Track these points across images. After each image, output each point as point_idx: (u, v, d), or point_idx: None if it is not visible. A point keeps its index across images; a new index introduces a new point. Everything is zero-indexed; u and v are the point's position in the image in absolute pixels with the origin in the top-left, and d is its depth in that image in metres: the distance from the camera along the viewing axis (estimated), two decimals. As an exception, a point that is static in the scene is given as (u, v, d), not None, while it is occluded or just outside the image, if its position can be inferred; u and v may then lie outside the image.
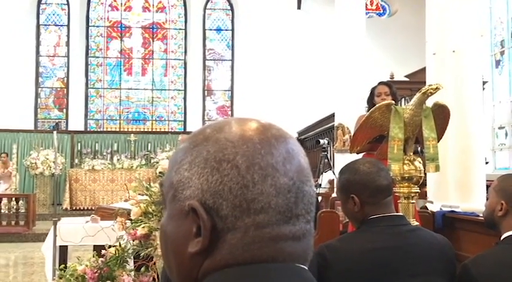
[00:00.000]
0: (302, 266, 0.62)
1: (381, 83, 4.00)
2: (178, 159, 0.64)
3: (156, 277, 2.83)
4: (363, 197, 1.65)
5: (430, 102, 2.92)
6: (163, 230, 0.65)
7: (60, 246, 4.19)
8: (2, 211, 9.41)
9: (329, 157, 6.81)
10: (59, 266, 3.43)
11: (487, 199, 1.95)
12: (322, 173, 6.60)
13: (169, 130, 13.71)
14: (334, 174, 6.42)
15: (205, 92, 14.24)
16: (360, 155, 3.49)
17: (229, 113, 14.22)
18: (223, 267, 0.59)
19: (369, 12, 12.81)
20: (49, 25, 13.82)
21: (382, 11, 14.12)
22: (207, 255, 0.60)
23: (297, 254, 0.61)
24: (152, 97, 14.12)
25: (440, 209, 3.80)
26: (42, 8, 13.75)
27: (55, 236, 4.10)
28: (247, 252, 0.59)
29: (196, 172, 0.61)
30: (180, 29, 14.26)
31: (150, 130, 13.69)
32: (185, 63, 14.17)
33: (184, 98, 14.13)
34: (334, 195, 6.29)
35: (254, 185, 0.59)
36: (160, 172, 3.04)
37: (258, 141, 0.61)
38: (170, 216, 0.64)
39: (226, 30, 14.35)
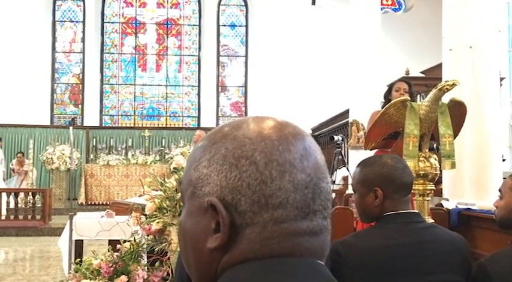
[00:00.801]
0: (319, 261, 0.63)
1: (402, 80, 3.98)
2: (196, 157, 0.65)
3: (170, 272, 2.85)
4: (387, 191, 1.63)
5: (446, 99, 2.88)
6: (182, 227, 0.66)
7: (76, 240, 4.24)
8: (19, 205, 9.55)
9: (343, 154, 6.77)
10: (75, 260, 3.48)
11: (500, 198, 1.91)
12: (336, 170, 6.58)
13: (183, 126, 13.77)
14: (348, 170, 6.39)
15: (219, 88, 14.27)
16: (373, 152, 3.46)
17: (243, 109, 14.24)
18: (242, 262, 0.60)
19: (384, 8, 12.69)
20: (65, 21, 13.95)
21: (397, 6, 13.98)
22: (226, 251, 0.61)
23: (314, 249, 0.62)
24: (166, 93, 14.19)
25: (456, 206, 3.76)
26: (58, 4, 13.89)
27: (71, 230, 4.15)
28: (266, 247, 0.60)
29: (215, 169, 0.62)
30: (194, 25, 14.29)
31: (164, 126, 13.77)
32: (199, 59, 14.20)
33: (198, 94, 14.17)
34: (348, 192, 6.26)
35: (272, 181, 0.60)
36: (174, 168, 3.05)
37: (276, 138, 0.62)
38: (189, 212, 0.65)
39: (240, 26, 14.35)
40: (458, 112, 2.90)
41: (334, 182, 6.45)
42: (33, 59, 12.77)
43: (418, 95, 6.65)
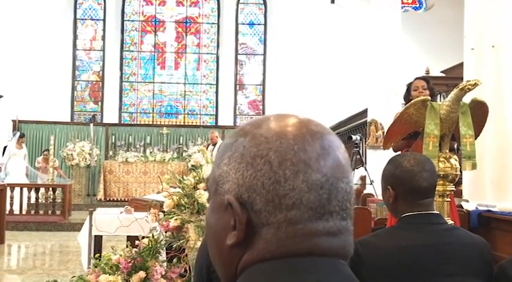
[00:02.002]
0: (340, 260, 0.62)
1: (417, 78, 3.90)
2: (220, 154, 0.66)
3: (188, 269, 2.87)
4: (397, 191, 1.64)
5: (467, 99, 2.85)
6: (207, 222, 0.68)
7: (95, 235, 4.29)
8: (40, 200, 9.70)
9: (361, 153, 6.73)
10: (94, 255, 3.52)
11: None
12: (353, 170, 6.55)
13: (201, 124, 13.84)
14: (366, 170, 6.36)
15: (237, 86, 14.30)
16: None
17: (261, 107, 14.25)
18: (261, 261, 0.61)
19: (404, 6, 12.56)
20: (86, 19, 14.13)
21: (418, 5, 13.83)
22: (246, 249, 0.62)
23: (333, 250, 0.62)
24: (184, 91, 14.28)
25: (476, 208, 3.71)
26: (79, 2, 14.07)
27: (91, 225, 4.19)
28: (282, 248, 0.60)
29: (233, 167, 0.63)
30: (213, 23, 14.34)
31: (182, 123, 13.86)
32: (217, 58, 14.25)
33: (216, 92, 14.22)
34: (365, 191, 6.23)
35: (286, 181, 0.60)
36: (192, 165, 3.07)
37: (292, 137, 0.62)
38: (212, 209, 0.66)
39: (259, 24, 14.35)
40: (479, 112, 2.86)
41: (351, 182, 6.41)
42: (54, 56, 12.96)
43: (439, 95, 6.57)
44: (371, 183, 6.06)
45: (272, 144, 0.61)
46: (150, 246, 3.01)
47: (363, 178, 6.68)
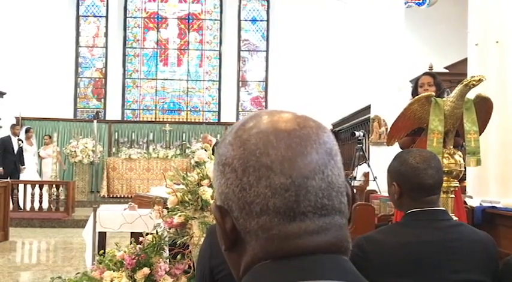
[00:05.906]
0: (340, 255, 0.61)
1: (424, 74, 3.85)
2: None
3: (191, 265, 2.88)
4: (403, 188, 1.64)
5: (471, 95, 2.84)
6: None
7: (99, 232, 4.30)
8: (44, 197, 9.73)
9: (364, 149, 6.73)
10: (98, 251, 3.53)
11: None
12: (357, 166, 6.54)
13: (204, 120, 13.84)
14: (369, 166, 6.35)
15: (240, 82, 14.28)
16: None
17: (264, 104, 14.23)
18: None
19: (407, 2, 12.51)
20: (88, 16, 14.12)
21: (421, 1, 13.76)
22: (240, 255, 0.62)
23: (322, 247, 0.59)
24: (187, 88, 14.27)
25: (480, 204, 3.71)
26: (81, -1, 14.07)
27: (95, 222, 4.21)
28: (269, 254, 0.59)
29: (215, 175, 0.64)
30: (215, 19, 14.32)
31: (184, 120, 13.85)
32: (220, 54, 14.23)
33: (219, 89, 14.21)
34: (369, 188, 6.22)
35: (251, 188, 0.59)
36: (196, 162, 3.07)
37: (254, 142, 0.60)
38: None
39: (262, 20, 14.32)
40: (484, 108, 2.86)
41: (355, 178, 6.41)
42: (57, 53, 12.96)
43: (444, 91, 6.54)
44: (374, 180, 6.05)
45: (236, 152, 0.61)
46: (154, 242, 3.02)
47: (366, 174, 6.67)
